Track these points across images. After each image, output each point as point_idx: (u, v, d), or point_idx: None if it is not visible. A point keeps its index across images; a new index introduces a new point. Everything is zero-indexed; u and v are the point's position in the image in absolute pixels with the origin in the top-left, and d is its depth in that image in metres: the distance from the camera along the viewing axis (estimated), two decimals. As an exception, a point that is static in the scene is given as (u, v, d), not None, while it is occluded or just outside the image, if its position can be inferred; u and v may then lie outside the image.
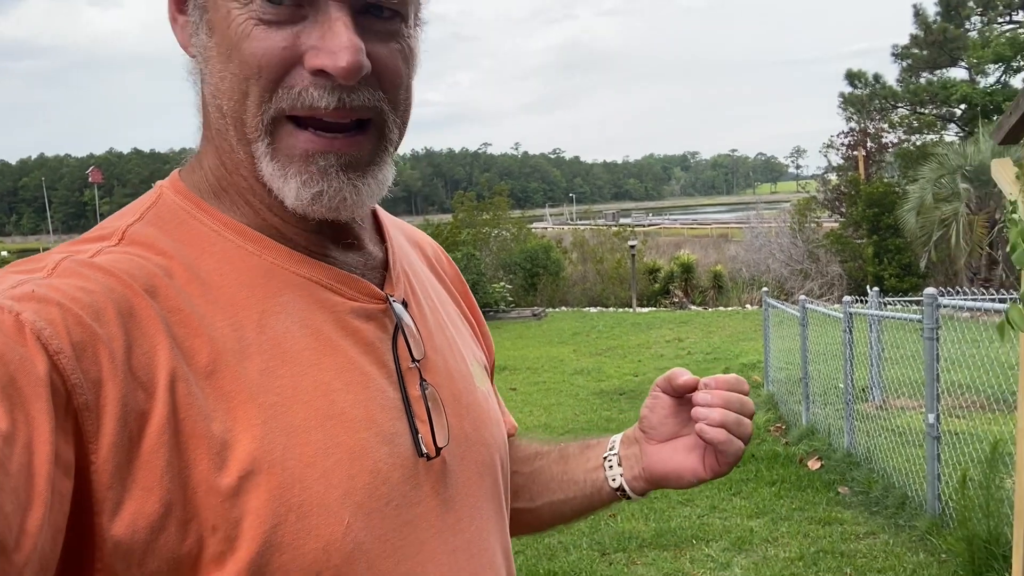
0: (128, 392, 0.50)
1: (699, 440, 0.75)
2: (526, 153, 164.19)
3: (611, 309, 18.81)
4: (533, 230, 25.85)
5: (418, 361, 0.65)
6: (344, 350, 0.61)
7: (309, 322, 0.60)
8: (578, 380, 10.24)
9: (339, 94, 0.56)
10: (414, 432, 0.62)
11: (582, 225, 36.05)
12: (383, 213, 0.75)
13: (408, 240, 0.78)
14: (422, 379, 0.65)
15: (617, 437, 0.84)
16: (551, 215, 63.89)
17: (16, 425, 0.45)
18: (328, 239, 0.65)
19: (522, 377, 10.53)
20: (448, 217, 22.89)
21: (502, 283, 18.15)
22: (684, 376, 0.77)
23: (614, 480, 0.81)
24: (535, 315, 17.38)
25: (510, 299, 18.06)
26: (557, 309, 19.05)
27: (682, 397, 0.78)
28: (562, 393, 9.42)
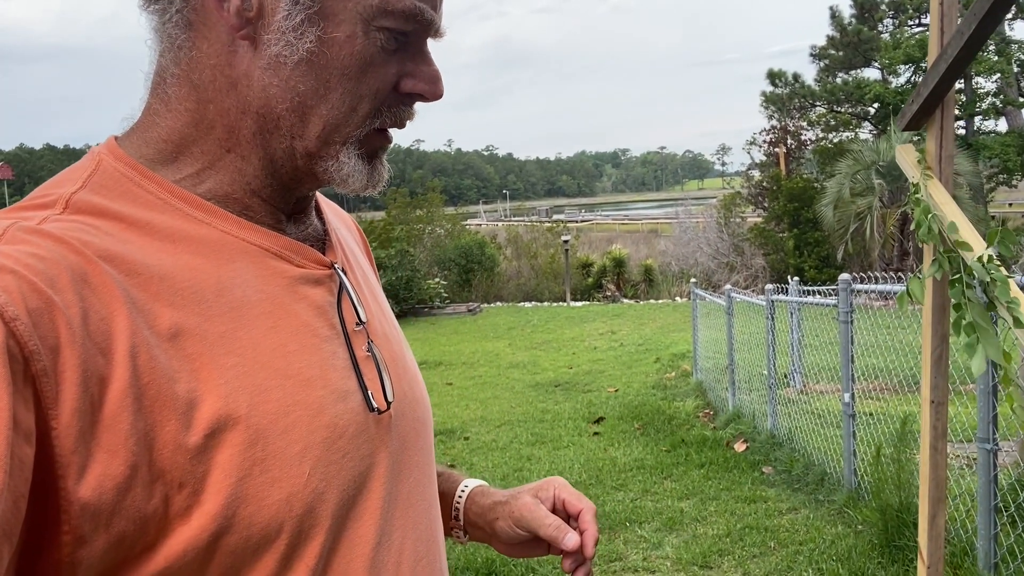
0: (87, 358, 0.51)
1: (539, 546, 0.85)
2: (459, 150, 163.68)
3: (546, 303, 18.99)
4: (467, 227, 25.85)
5: (364, 323, 0.69)
6: (297, 314, 0.64)
7: (263, 288, 0.63)
8: (514, 373, 10.31)
9: (412, 109, 0.68)
10: (363, 389, 0.65)
11: (516, 221, 36.20)
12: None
13: (335, 216, 0.82)
14: (369, 339, 0.69)
15: (465, 492, 0.88)
16: (485, 212, 63.93)
17: None
18: (284, 212, 0.68)
19: (458, 372, 10.54)
20: (381, 214, 22.65)
21: (437, 279, 18.09)
22: (571, 543, 0.80)
23: (461, 537, 0.88)
24: (470, 311, 17.39)
25: (445, 295, 18.02)
26: (492, 304, 19.11)
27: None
28: (498, 387, 9.48)
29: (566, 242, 19.23)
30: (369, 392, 0.65)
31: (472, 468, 5.69)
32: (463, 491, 0.88)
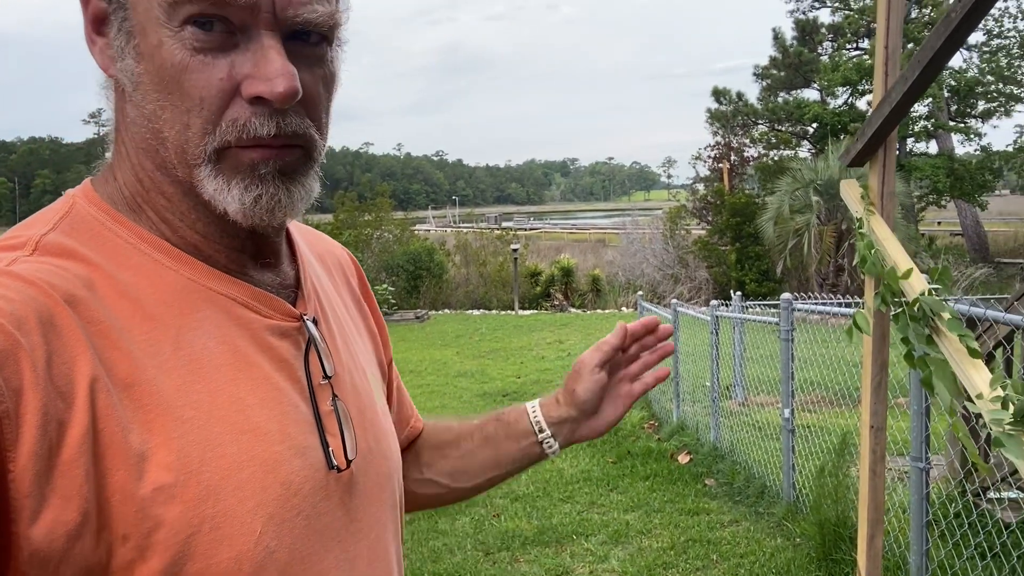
0: (48, 401, 0.50)
1: (617, 396, 0.92)
2: (409, 154, 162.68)
3: (494, 311, 19.01)
4: (416, 232, 25.69)
5: (330, 378, 0.68)
6: (259, 366, 0.63)
7: (226, 338, 0.61)
8: (462, 382, 10.29)
9: (276, 120, 0.59)
10: (325, 446, 0.64)
11: (465, 228, 36.16)
12: (294, 229, 0.76)
13: (315, 253, 0.80)
14: (334, 395, 0.68)
15: (536, 409, 0.92)
16: (434, 217, 63.64)
17: None
18: (247, 257, 0.66)
19: (405, 380, 10.14)
20: (329, 217, 22.33)
21: (384, 285, 17.91)
22: (615, 339, 0.90)
23: (552, 450, 0.91)
24: (418, 318, 17.28)
25: (393, 301, 17.86)
26: (440, 311, 19.03)
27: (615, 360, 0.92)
28: (446, 395, 9.44)
29: (515, 251, 19.30)
30: (330, 449, 0.64)
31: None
32: (533, 408, 0.91)
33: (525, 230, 38.21)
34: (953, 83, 20.86)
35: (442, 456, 0.93)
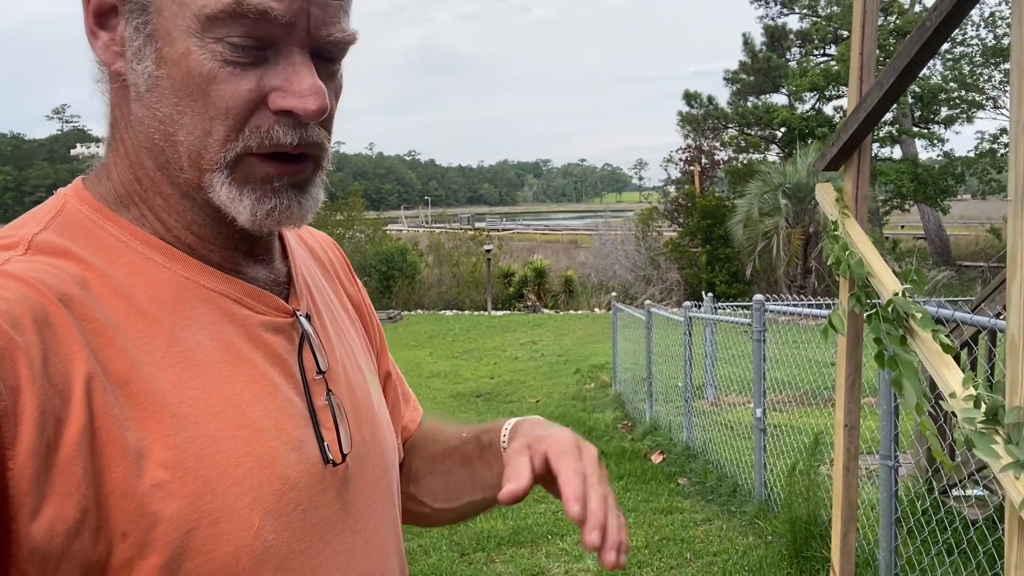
0: (46, 399, 0.50)
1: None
2: (381, 154, 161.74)
3: (467, 312, 19.00)
4: (388, 232, 25.56)
5: (323, 372, 0.68)
6: (254, 362, 0.63)
7: (220, 335, 0.62)
8: (435, 383, 10.26)
9: (300, 131, 0.60)
10: (320, 440, 0.65)
11: (438, 228, 36.07)
12: None
13: (306, 248, 0.80)
14: (328, 389, 0.68)
15: (507, 433, 0.80)
16: (406, 217, 63.35)
17: None
18: (241, 255, 0.67)
19: (378, 381, 10.39)
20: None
21: (356, 285, 17.78)
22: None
23: None
24: (391, 318, 17.21)
25: (365, 302, 17.74)
26: (413, 312, 18.96)
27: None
28: (419, 396, 9.21)
29: (488, 251, 19.31)
30: (325, 443, 0.65)
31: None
32: (505, 431, 0.79)
33: (498, 231, 38.25)
34: (917, 89, 21.34)
35: (430, 471, 0.88)
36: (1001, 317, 2.55)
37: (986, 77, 22.10)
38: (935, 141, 22.28)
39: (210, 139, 0.59)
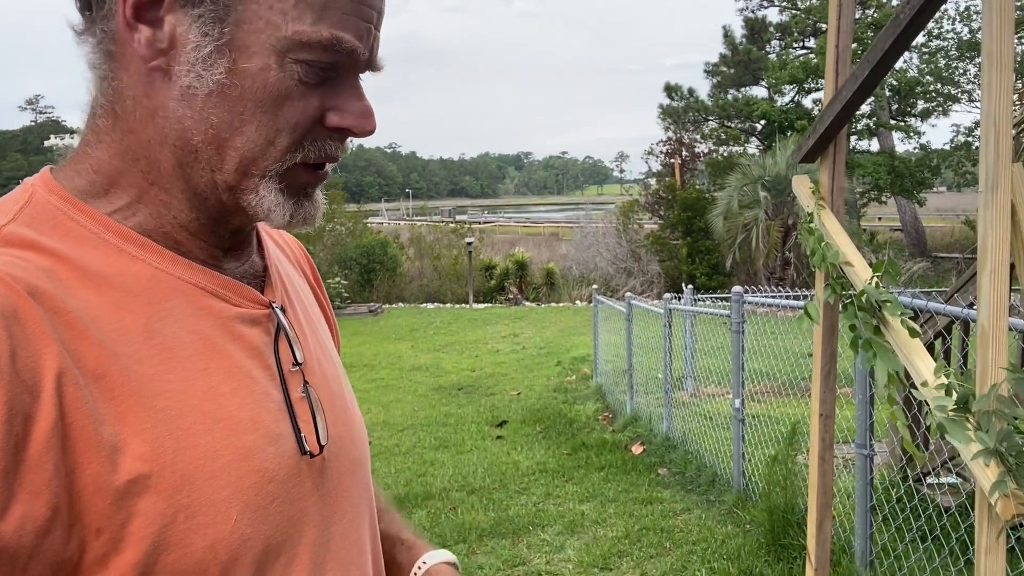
0: (14, 396, 0.50)
1: None
2: (361, 146, 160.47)
3: (448, 305, 18.97)
4: (369, 225, 25.43)
5: (300, 364, 0.68)
6: (230, 355, 0.63)
7: (196, 327, 0.61)
8: (416, 376, 10.25)
9: (342, 145, 0.66)
10: (297, 432, 0.65)
11: (419, 221, 35.95)
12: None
13: (275, 242, 0.80)
14: (305, 381, 0.68)
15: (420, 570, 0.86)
16: (387, 210, 62.99)
17: None
18: (222, 250, 0.67)
19: (359, 374, 10.36)
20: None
21: (337, 278, 17.70)
22: None
23: None
24: (372, 311, 17.13)
25: (346, 295, 17.66)
26: (394, 305, 18.90)
27: None
28: (401, 390, 9.39)
29: (470, 244, 19.28)
30: (302, 435, 0.65)
31: (374, 474, 5.59)
32: (421, 565, 0.86)
33: (479, 223, 38.19)
34: (894, 83, 21.57)
35: None
36: (973, 307, 2.60)
37: (961, 71, 22.38)
38: (911, 134, 22.56)
39: (272, 149, 0.62)
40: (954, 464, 3.64)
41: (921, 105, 22.84)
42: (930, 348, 3.69)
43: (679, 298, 7.77)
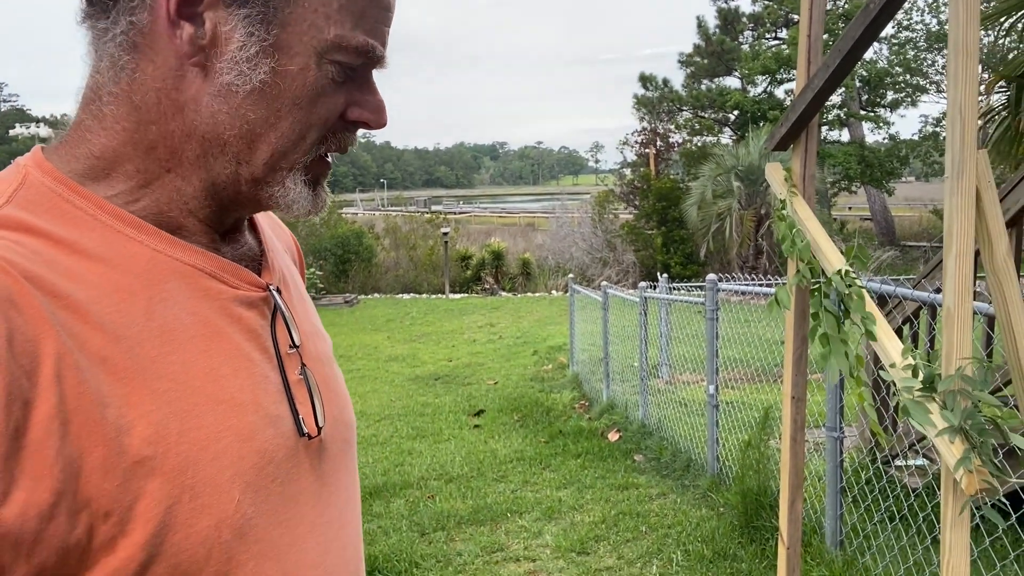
0: (12, 380, 0.50)
1: None
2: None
3: (424, 295, 18.92)
4: (344, 216, 25.22)
5: (297, 346, 0.69)
6: (230, 337, 0.63)
7: (196, 310, 0.62)
8: (393, 367, 10.23)
9: (356, 136, 0.70)
10: (295, 414, 0.66)
11: (394, 211, 35.72)
12: None
13: (268, 225, 0.81)
14: (302, 363, 0.69)
15: None
16: (362, 200, 62.55)
17: None
18: (218, 231, 0.68)
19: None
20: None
21: (312, 269, 17.55)
22: None
23: None
24: (347, 302, 17.03)
25: (321, 286, 17.53)
26: (370, 296, 18.81)
27: None
28: (377, 380, 9.37)
29: (446, 234, 19.23)
30: (300, 417, 0.66)
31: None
32: None
33: (455, 214, 38.06)
34: (864, 73, 21.85)
35: None
36: (940, 292, 2.66)
37: (930, 62, 22.75)
38: (881, 124, 22.89)
39: (303, 143, 0.65)
40: (921, 446, 3.74)
41: (891, 96, 23.18)
42: (899, 333, 3.77)
43: (654, 287, 7.84)
